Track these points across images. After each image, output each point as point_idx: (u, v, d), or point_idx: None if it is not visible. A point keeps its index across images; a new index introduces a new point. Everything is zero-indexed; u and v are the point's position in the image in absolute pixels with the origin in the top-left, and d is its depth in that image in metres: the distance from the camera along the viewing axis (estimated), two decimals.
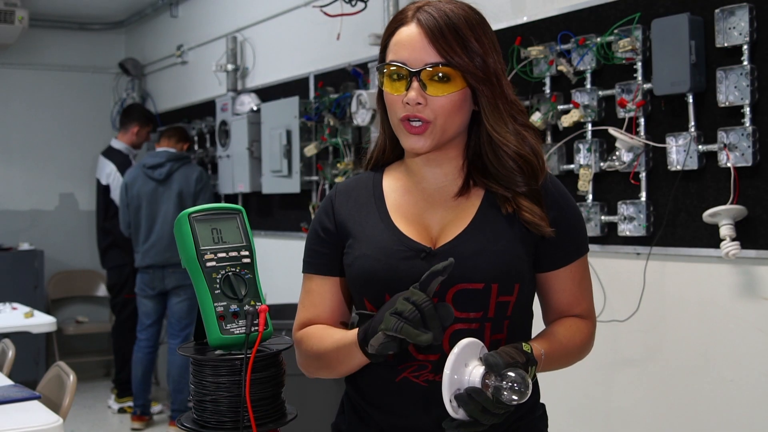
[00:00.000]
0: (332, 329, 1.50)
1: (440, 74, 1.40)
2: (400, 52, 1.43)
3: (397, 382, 1.45)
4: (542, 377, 1.56)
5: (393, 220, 1.48)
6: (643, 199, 2.71)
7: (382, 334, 1.29)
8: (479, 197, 1.48)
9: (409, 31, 1.43)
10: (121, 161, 5.67)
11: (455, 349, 1.28)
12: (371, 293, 1.45)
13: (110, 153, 5.75)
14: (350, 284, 1.51)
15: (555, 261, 1.50)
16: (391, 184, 1.54)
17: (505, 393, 1.24)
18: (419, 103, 1.41)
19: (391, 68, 1.44)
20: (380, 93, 1.54)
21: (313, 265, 1.56)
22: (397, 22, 1.47)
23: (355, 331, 1.39)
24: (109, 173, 5.66)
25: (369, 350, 1.32)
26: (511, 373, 1.24)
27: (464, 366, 1.28)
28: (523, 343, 1.35)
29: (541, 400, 1.59)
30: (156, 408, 5.45)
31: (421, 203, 1.50)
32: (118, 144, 5.77)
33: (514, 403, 1.24)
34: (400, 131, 1.46)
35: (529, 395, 1.25)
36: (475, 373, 1.27)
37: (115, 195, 5.58)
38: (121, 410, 5.60)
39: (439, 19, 1.41)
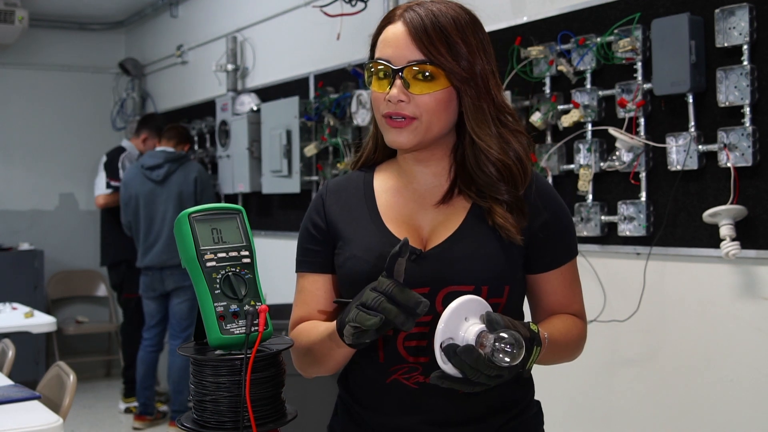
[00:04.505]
0: (319, 323, 1.49)
1: (424, 72, 1.40)
2: (384, 49, 1.44)
3: (387, 384, 1.45)
4: (541, 376, 1.56)
5: (384, 222, 1.48)
6: (643, 199, 2.71)
7: (349, 326, 1.28)
8: (469, 201, 1.48)
9: (395, 30, 1.43)
10: (114, 150, 5.74)
11: (455, 302, 1.26)
12: None
13: (115, 147, 5.80)
14: (341, 285, 1.51)
15: (547, 263, 1.50)
16: (382, 185, 1.54)
17: (497, 353, 1.21)
18: (401, 101, 1.40)
19: (377, 66, 1.44)
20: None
21: (305, 263, 1.56)
22: (385, 20, 1.47)
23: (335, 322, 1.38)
24: (102, 159, 5.77)
25: (345, 341, 1.31)
26: (505, 334, 1.22)
27: (464, 320, 1.26)
28: (530, 323, 1.34)
29: (539, 399, 1.58)
30: (160, 409, 5.45)
31: (412, 204, 1.50)
32: (125, 143, 5.83)
33: (505, 364, 1.22)
34: (383, 127, 1.46)
35: (520, 360, 1.22)
36: (471, 329, 1.25)
37: (99, 179, 5.70)
38: (127, 410, 5.60)
39: (425, 18, 1.40)
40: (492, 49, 1.47)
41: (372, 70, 1.45)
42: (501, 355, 1.22)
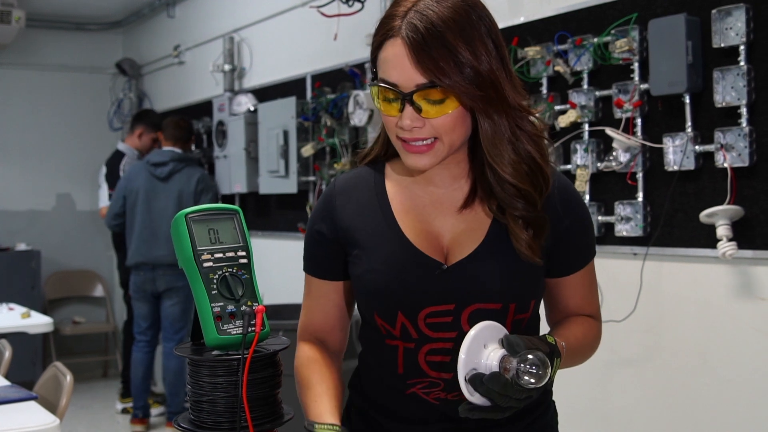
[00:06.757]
0: (314, 379, 1.44)
1: (432, 97, 1.30)
2: (389, 71, 1.32)
3: (406, 395, 1.41)
4: None
5: (401, 228, 1.40)
6: (640, 199, 2.71)
7: None
8: (491, 211, 1.40)
9: (395, 50, 1.31)
10: (112, 158, 5.71)
11: (472, 331, 1.23)
12: (382, 309, 1.40)
13: (112, 155, 5.77)
14: (359, 297, 1.46)
15: (570, 266, 1.46)
16: (395, 185, 1.45)
17: (523, 375, 1.20)
18: (416, 127, 1.32)
19: (383, 90, 1.33)
20: None
21: (312, 267, 1.50)
22: (385, 32, 1.33)
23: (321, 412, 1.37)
24: (102, 171, 5.73)
25: None
26: (530, 356, 1.20)
27: (483, 348, 1.24)
28: (547, 335, 1.30)
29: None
30: (156, 410, 5.43)
31: (429, 208, 1.42)
32: (121, 145, 5.80)
33: (532, 386, 1.20)
34: (400, 150, 1.37)
35: (547, 379, 1.20)
36: (493, 355, 1.23)
37: (102, 192, 5.65)
38: (125, 410, 5.58)
39: (424, 32, 1.28)
40: (498, 30, 1.34)
41: (378, 92, 1.35)
42: (527, 377, 1.20)
